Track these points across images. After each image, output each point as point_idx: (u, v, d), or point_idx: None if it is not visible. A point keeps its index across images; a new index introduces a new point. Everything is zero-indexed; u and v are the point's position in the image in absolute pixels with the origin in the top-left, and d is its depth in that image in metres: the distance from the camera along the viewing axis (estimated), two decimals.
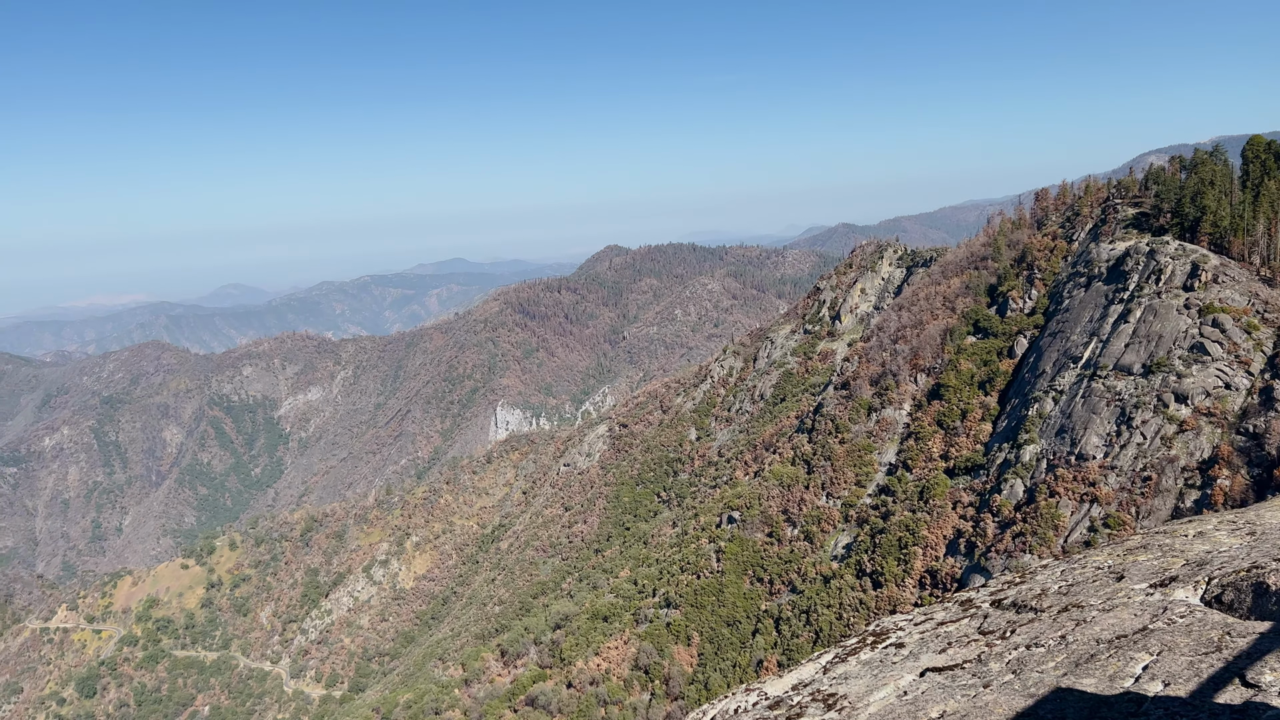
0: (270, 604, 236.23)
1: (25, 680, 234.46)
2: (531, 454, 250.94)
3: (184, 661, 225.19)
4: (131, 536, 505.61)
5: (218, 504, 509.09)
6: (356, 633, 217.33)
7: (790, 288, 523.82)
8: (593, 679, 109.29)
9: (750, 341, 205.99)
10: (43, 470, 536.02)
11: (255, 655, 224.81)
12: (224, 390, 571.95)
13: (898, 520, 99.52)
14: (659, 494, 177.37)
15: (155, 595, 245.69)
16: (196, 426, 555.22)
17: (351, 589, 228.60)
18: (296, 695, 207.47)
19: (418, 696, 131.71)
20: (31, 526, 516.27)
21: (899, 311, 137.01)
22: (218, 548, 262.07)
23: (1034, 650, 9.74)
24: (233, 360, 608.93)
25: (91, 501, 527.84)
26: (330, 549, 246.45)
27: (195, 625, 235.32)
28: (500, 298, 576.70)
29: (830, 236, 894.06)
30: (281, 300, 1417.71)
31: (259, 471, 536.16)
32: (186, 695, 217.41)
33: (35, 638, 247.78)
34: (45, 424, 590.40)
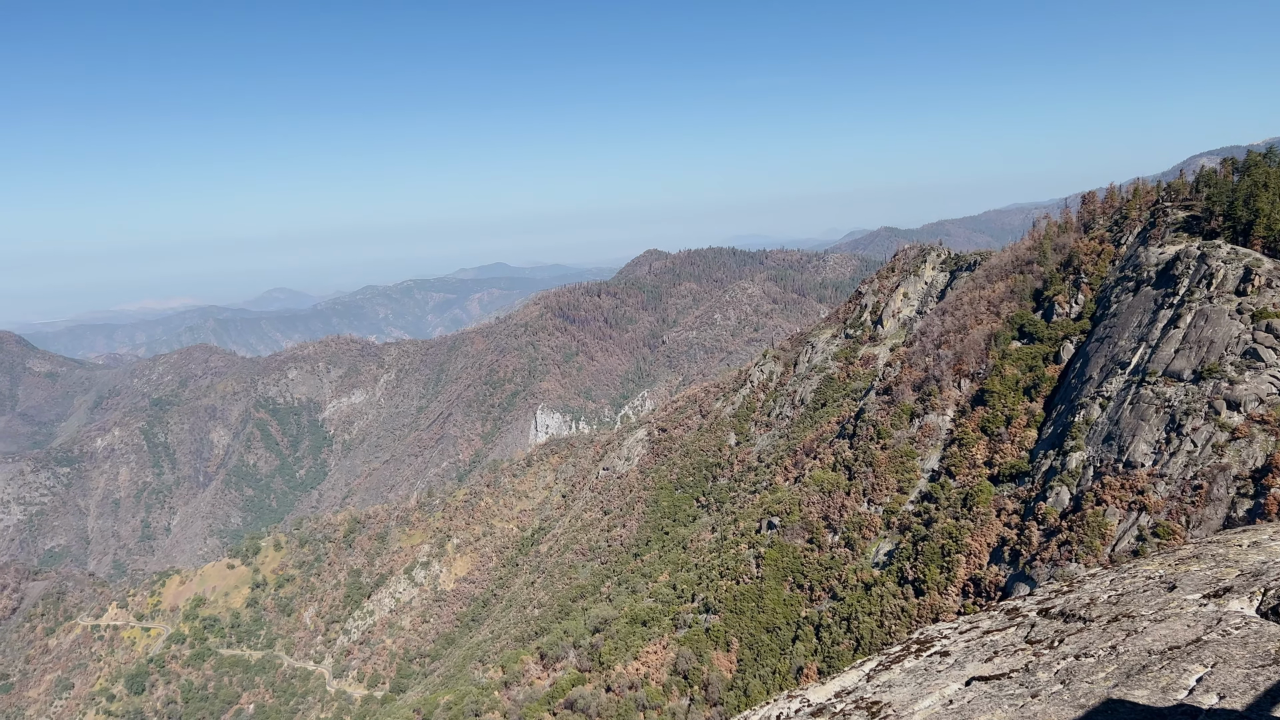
0: (314, 604, 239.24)
1: (76, 676, 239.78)
2: (571, 457, 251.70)
3: (230, 660, 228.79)
4: (179, 536, 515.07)
5: (263, 505, 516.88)
6: (398, 634, 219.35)
7: (831, 292, 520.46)
8: (631, 683, 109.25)
9: (790, 346, 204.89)
10: (95, 470, 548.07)
11: (299, 655, 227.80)
12: (270, 393, 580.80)
13: (940, 527, 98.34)
14: (698, 499, 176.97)
15: (202, 594, 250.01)
16: (243, 428, 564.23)
17: (393, 590, 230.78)
18: (339, 695, 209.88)
19: (458, 698, 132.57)
20: (84, 525, 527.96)
21: (942, 316, 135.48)
22: (263, 548, 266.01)
23: (1083, 660, 9.57)
24: (278, 363, 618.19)
25: (141, 501, 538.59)
26: (372, 550, 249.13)
27: (241, 624, 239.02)
28: (540, 302, 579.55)
29: (872, 240, 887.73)
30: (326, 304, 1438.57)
31: (303, 473, 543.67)
32: (232, 693, 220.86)
33: (86, 634, 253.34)
34: (97, 425, 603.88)
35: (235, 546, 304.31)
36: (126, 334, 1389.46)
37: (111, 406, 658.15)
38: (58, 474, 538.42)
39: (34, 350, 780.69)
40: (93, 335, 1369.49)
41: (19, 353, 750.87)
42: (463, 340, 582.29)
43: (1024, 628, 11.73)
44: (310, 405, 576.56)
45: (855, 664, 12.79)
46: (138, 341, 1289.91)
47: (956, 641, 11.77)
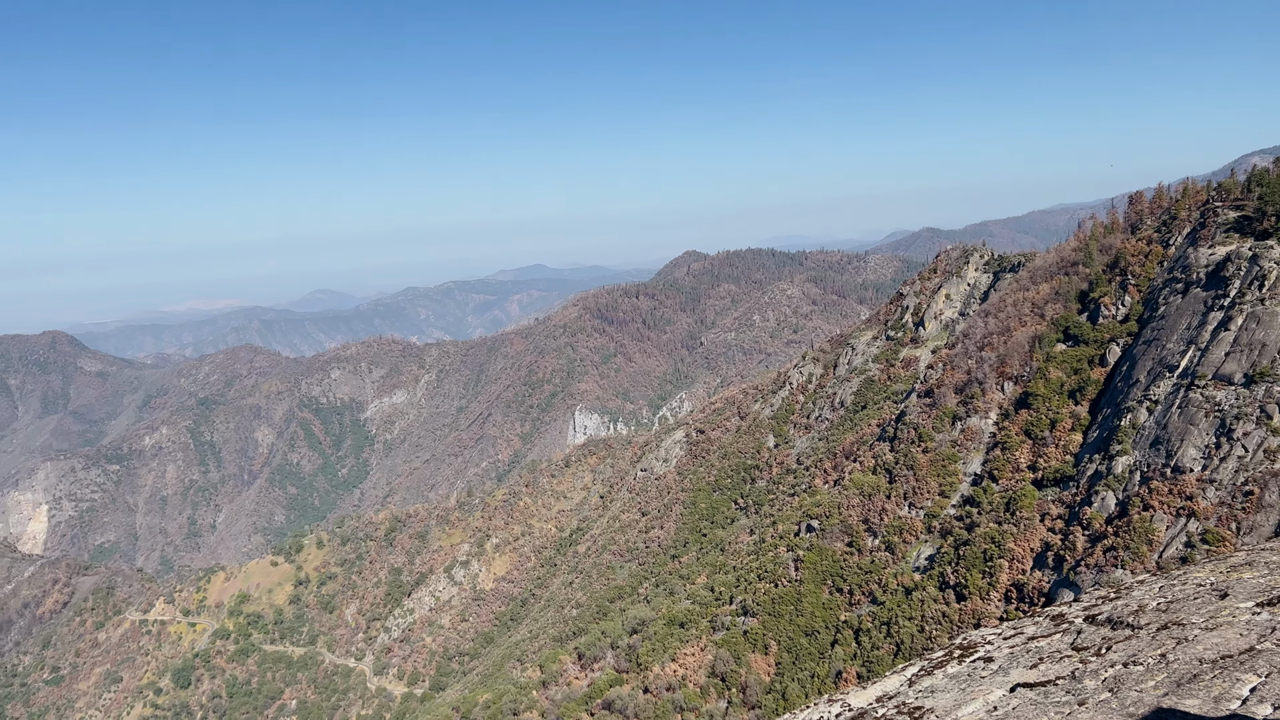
0: (355, 602, 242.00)
1: (125, 670, 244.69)
2: (609, 458, 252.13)
3: (273, 656, 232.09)
4: (225, 533, 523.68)
5: (306, 503, 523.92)
6: (437, 632, 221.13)
7: (872, 293, 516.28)
8: (669, 685, 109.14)
9: (830, 348, 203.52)
10: (143, 468, 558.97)
11: (340, 652, 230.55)
12: (313, 393, 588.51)
13: (983, 532, 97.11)
14: (736, 501, 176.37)
15: (246, 591, 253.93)
16: (287, 428, 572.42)
17: (433, 589, 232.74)
18: (379, 692, 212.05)
19: (496, 697, 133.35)
20: (132, 522, 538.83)
21: (985, 318, 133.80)
22: (306, 546, 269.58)
23: (1132, 668, 9.39)
24: (322, 364, 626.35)
25: (188, 499, 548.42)
26: (413, 549, 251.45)
27: (284, 621, 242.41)
28: (579, 303, 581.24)
29: (914, 241, 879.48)
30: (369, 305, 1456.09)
31: (346, 472, 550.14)
32: (275, 689, 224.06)
33: (134, 629, 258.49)
34: (145, 424, 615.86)
35: (279, 544, 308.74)
36: (174, 334, 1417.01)
37: (159, 405, 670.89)
38: (108, 471, 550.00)
39: (85, 350, 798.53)
40: (141, 335, 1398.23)
41: (71, 352, 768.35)
42: (502, 341, 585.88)
43: (1070, 634, 11.53)
44: (353, 405, 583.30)
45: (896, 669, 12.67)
46: (185, 342, 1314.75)
47: (1000, 647, 11.62)
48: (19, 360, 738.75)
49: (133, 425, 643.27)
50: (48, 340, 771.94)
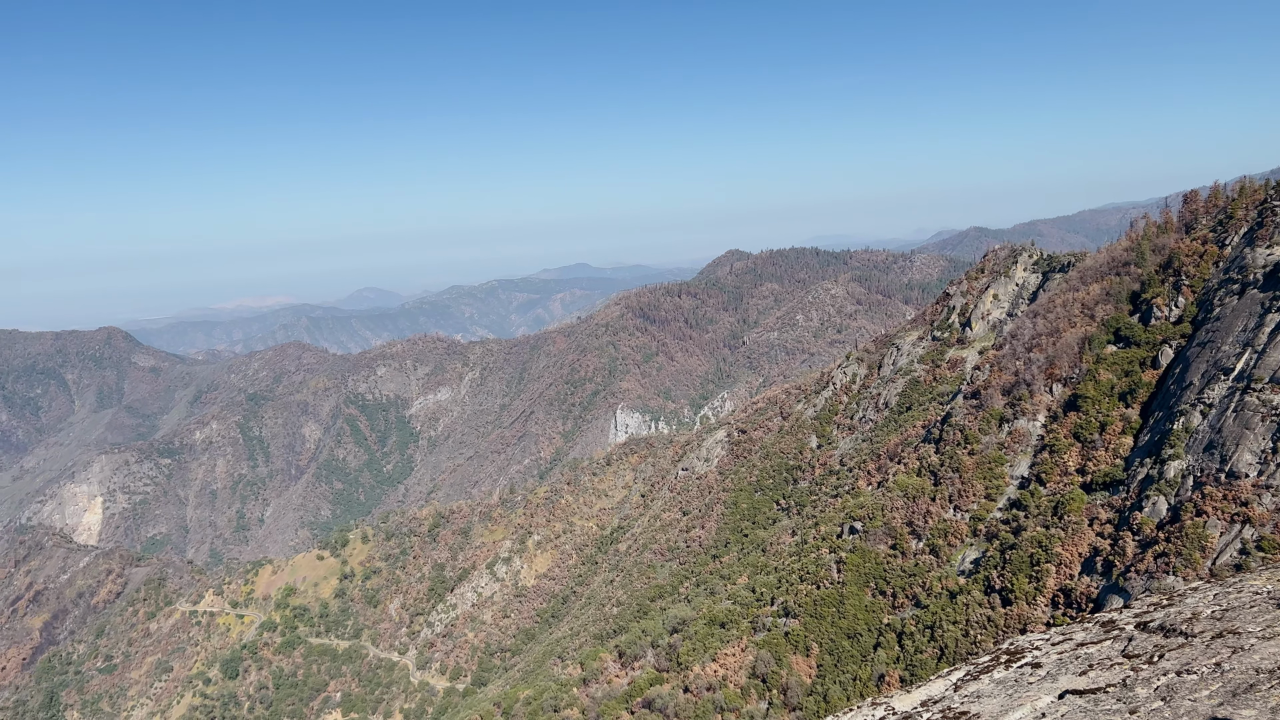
0: (399, 596, 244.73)
1: (175, 659, 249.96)
2: (650, 457, 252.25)
3: (318, 649, 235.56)
4: (272, 527, 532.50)
5: (352, 498, 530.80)
6: (479, 628, 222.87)
7: (918, 293, 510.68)
8: (709, 685, 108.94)
9: (875, 348, 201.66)
10: (194, 462, 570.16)
11: (384, 645, 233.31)
12: (359, 389, 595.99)
13: (1029, 536, 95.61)
14: (778, 501, 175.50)
15: (293, 584, 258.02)
16: (333, 424, 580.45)
17: (475, 585, 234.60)
18: (422, 686, 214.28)
19: (537, 693, 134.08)
20: (183, 515, 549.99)
21: (1034, 318, 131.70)
22: (351, 540, 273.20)
23: (1185, 677, 9.19)
24: (368, 361, 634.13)
25: (237, 493, 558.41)
26: (456, 545, 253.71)
27: (329, 614, 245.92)
28: (621, 302, 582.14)
29: (961, 240, 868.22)
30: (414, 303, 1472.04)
31: (390, 468, 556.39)
32: (320, 681, 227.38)
33: (185, 620, 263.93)
34: (196, 419, 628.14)
35: (325, 538, 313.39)
36: (224, 331, 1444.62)
37: (210, 401, 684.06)
38: (159, 465, 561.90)
39: (139, 346, 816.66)
40: (193, 332, 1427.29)
41: (125, 348, 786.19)
42: (545, 340, 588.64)
43: (1121, 641, 11.31)
44: (398, 402, 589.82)
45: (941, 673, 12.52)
46: (235, 338, 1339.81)
47: (1049, 653, 11.43)
48: (76, 355, 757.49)
49: (184, 420, 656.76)
50: (103, 336, 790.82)
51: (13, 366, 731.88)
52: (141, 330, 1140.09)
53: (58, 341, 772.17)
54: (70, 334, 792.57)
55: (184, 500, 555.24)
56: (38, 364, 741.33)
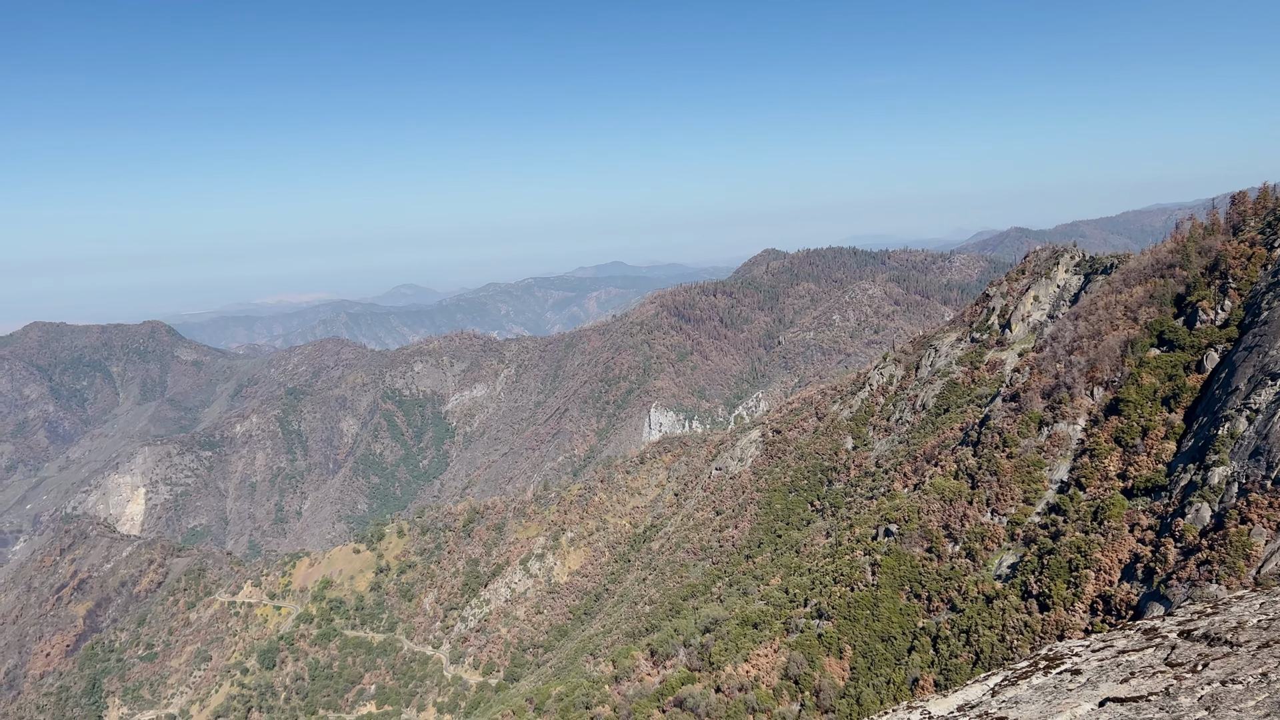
0: (433, 591, 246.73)
1: (214, 649, 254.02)
2: (684, 456, 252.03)
3: (353, 641, 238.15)
4: (310, 520, 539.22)
5: (388, 493, 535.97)
6: (513, 623, 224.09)
7: (957, 294, 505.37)
8: (741, 685, 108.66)
9: (912, 349, 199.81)
10: (234, 455, 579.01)
11: (418, 639, 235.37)
12: (396, 385, 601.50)
13: (1068, 541, 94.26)
14: (812, 502, 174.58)
15: (329, 577, 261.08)
16: (371, 418, 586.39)
17: (509, 580, 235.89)
18: (455, 680, 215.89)
19: (569, 690, 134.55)
20: (223, 506, 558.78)
21: (1075, 321, 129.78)
22: (387, 534, 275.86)
23: (1230, 687, 9.00)
24: (405, 357, 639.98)
25: (275, 486, 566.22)
26: (490, 541, 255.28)
27: (364, 607, 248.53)
28: (656, 301, 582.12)
29: (1001, 241, 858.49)
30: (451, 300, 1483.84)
31: (426, 463, 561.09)
32: (355, 673, 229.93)
33: (223, 610, 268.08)
34: (237, 412, 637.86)
35: (361, 532, 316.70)
36: (265, 326, 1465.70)
37: (250, 395, 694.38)
38: (200, 457, 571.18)
39: (182, 340, 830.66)
40: (234, 327, 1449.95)
41: (169, 342, 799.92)
42: (580, 337, 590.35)
43: (1163, 649, 11.11)
44: (434, 398, 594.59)
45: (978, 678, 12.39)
46: (275, 333, 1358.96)
47: (1089, 660, 11.25)
48: (121, 349, 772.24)
49: (225, 413, 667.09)
50: (147, 330, 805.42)
51: (60, 359, 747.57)
52: (185, 324, 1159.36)
53: (104, 335, 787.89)
54: (116, 327, 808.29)
55: (224, 492, 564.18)
56: (84, 356, 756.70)
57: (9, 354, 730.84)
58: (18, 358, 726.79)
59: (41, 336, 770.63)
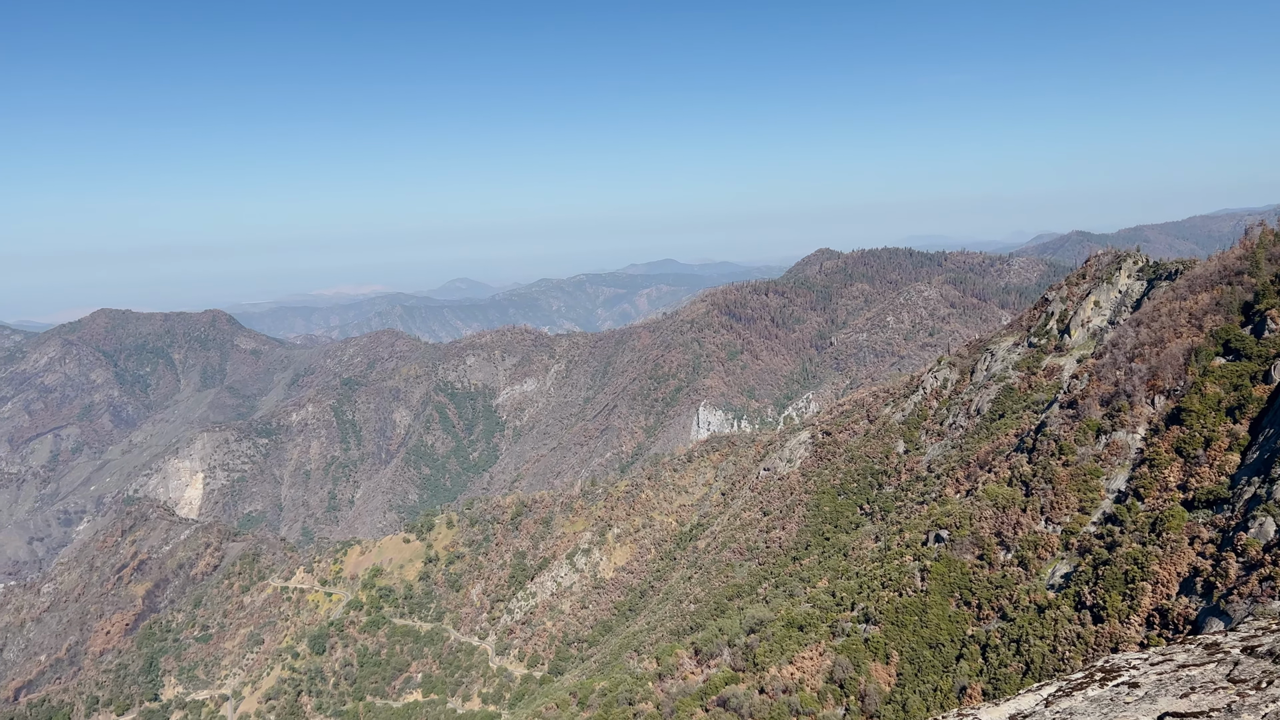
0: (480, 582, 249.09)
1: (266, 632, 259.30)
2: (731, 455, 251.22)
3: (401, 629, 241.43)
4: (361, 509, 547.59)
5: (438, 484, 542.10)
6: (558, 617, 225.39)
7: (1015, 297, 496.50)
8: (785, 687, 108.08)
9: (968, 353, 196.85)
10: (289, 443, 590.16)
11: (465, 630, 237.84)
12: (449, 377, 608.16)
13: (1125, 552, 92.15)
14: (861, 506, 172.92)
15: (379, 565, 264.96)
16: (423, 410, 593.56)
17: (555, 574, 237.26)
18: (500, 672, 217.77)
19: (613, 685, 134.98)
20: (278, 493, 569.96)
21: (1137, 327, 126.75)
22: (436, 525, 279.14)
23: None
24: (458, 350, 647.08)
25: (329, 474, 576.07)
26: (537, 534, 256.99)
27: (413, 596, 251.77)
28: (707, 299, 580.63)
29: (1062, 244, 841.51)
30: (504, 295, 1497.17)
31: (476, 456, 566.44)
32: (402, 661, 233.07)
33: (276, 595, 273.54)
34: (293, 401, 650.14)
35: (411, 522, 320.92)
36: (322, 317, 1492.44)
37: (307, 384, 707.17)
38: (257, 444, 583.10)
39: (241, 329, 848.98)
40: (292, 317, 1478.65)
41: (229, 331, 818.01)
42: (630, 334, 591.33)
43: (1226, 665, 10.80)
44: (485, 391, 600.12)
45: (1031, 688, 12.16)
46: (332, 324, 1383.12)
47: (1147, 673, 10.98)
48: (183, 336, 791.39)
49: (282, 401, 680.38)
50: (208, 319, 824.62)
51: (125, 345, 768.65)
52: (244, 314, 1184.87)
53: (167, 323, 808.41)
54: (179, 316, 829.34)
55: (279, 479, 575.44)
56: (148, 343, 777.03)
57: (77, 339, 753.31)
58: (85, 343, 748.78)
59: (108, 323, 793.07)
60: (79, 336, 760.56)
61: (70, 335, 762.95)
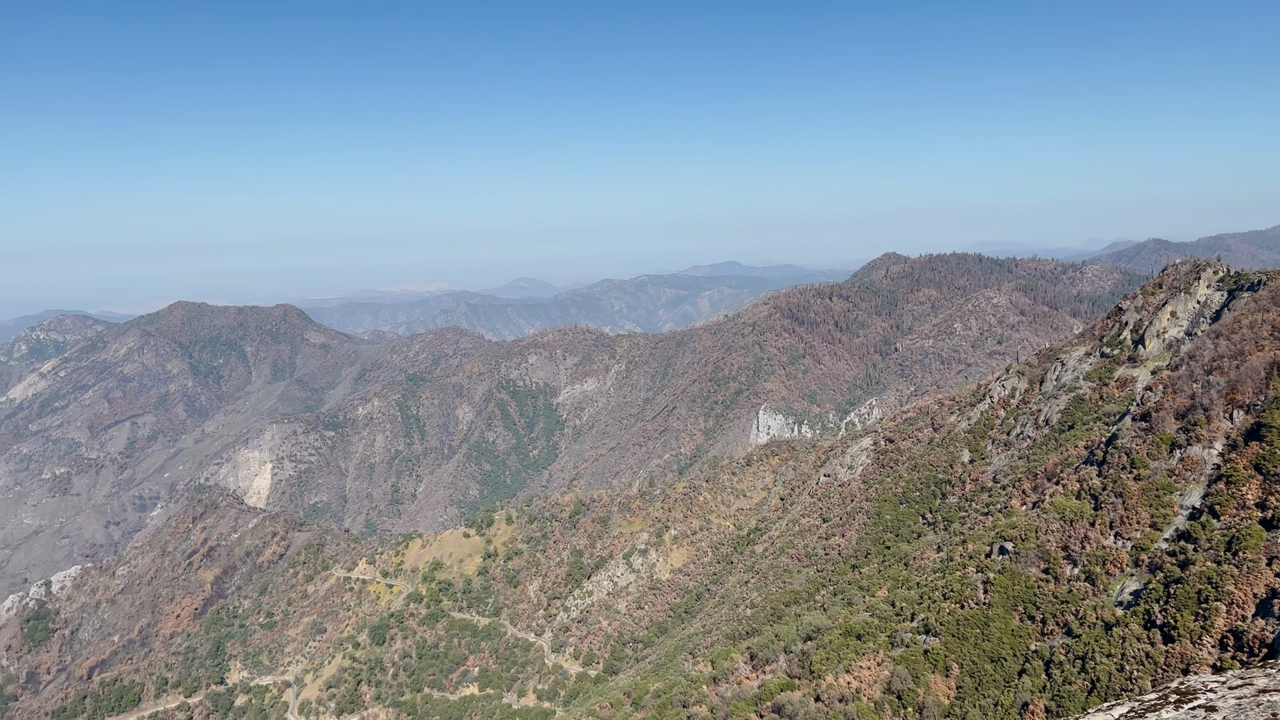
0: (538, 579, 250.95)
1: (329, 622, 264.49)
2: (791, 460, 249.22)
3: (459, 623, 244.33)
4: (423, 503, 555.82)
5: (498, 480, 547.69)
6: (614, 617, 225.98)
7: (1087, 306, 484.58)
8: (842, 696, 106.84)
9: (1037, 362, 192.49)
10: (355, 436, 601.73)
11: (521, 626, 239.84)
12: (511, 375, 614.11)
13: (1198, 571, 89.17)
14: (924, 515, 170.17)
15: (439, 559, 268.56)
16: (485, 407, 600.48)
17: (611, 574, 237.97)
18: (555, 669, 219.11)
19: (667, 687, 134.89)
20: (342, 485, 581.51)
21: (1215, 339, 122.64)
22: (496, 521, 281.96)
23: None
24: (520, 348, 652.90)
25: (392, 468, 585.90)
26: (594, 533, 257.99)
27: (471, 590, 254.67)
28: (770, 302, 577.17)
29: (1138, 253, 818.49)
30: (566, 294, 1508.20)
31: (536, 453, 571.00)
32: (460, 655, 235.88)
33: (339, 585, 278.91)
34: (360, 395, 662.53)
35: (471, 517, 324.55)
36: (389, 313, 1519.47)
37: (373, 379, 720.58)
38: (324, 436, 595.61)
39: (311, 323, 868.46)
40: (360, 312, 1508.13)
41: (299, 325, 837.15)
42: (691, 336, 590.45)
43: None
44: (546, 389, 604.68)
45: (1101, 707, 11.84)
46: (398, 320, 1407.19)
47: (1225, 696, 10.60)
48: (255, 330, 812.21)
49: (349, 395, 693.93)
50: (280, 313, 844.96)
51: (200, 337, 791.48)
52: (314, 309, 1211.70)
53: (240, 316, 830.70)
54: (251, 309, 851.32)
55: (344, 471, 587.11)
56: (222, 336, 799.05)
57: (155, 331, 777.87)
58: (162, 334, 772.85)
59: (184, 315, 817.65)
60: (157, 328, 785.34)
61: (149, 326, 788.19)
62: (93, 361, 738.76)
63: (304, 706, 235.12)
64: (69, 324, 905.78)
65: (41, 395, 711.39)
